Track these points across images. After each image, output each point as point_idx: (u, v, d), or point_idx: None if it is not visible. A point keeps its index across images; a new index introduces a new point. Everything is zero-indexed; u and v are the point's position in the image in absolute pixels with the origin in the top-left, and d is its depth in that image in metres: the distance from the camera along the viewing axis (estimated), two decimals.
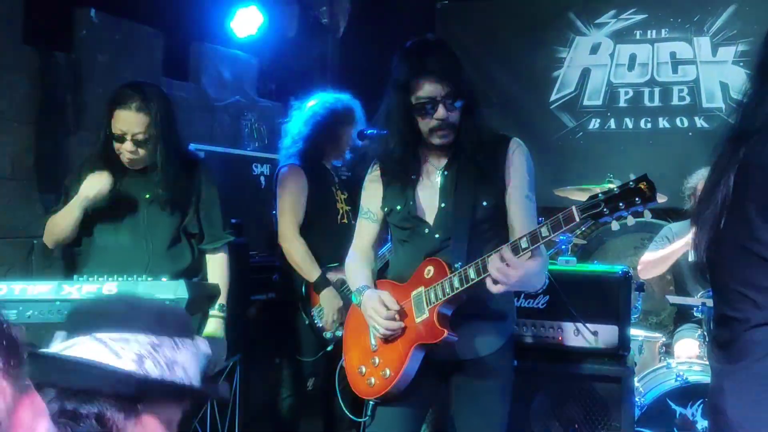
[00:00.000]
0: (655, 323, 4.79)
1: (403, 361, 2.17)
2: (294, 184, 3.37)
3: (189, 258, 2.76)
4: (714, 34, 4.94)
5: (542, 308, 3.07)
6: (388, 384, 2.19)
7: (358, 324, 2.35)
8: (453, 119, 2.18)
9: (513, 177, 2.23)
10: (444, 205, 2.24)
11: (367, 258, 2.43)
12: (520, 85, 5.31)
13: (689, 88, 5.01)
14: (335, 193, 3.49)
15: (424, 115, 2.18)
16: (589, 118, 5.20)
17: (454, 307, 2.15)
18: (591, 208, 1.85)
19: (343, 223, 3.46)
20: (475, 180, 2.23)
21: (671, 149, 4.92)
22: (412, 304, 2.19)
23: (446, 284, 2.10)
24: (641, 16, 5.09)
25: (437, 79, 2.13)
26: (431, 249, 2.22)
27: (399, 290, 2.25)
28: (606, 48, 5.17)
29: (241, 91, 4.66)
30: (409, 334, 2.19)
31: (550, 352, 3.07)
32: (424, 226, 2.26)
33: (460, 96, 2.17)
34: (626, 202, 1.80)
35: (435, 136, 2.21)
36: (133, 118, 2.54)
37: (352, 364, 2.34)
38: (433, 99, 2.15)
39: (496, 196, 2.23)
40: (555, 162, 5.02)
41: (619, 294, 3.03)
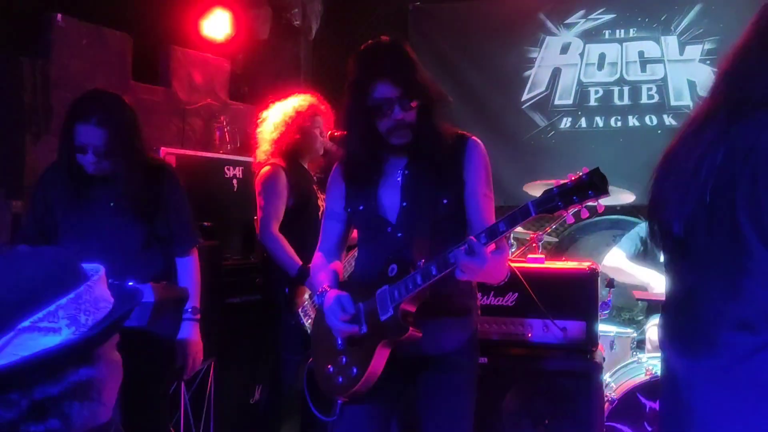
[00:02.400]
0: (627, 319, 4.85)
1: (369, 359, 2.19)
2: (274, 182, 3.40)
3: (161, 263, 2.76)
4: (681, 33, 5.02)
5: (511, 306, 3.11)
6: (355, 382, 2.21)
7: (323, 325, 2.35)
8: (410, 119, 2.20)
9: (471, 175, 2.27)
10: (406, 204, 2.27)
11: (332, 259, 2.45)
12: (492, 85, 5.35)
13: (657, 87, 5.08)
14: (316, 191, 3.54)
15: (381, 116, 2.20)
16: (561, 117, 5.25)
17: (417, 303, 2.17)
18: (546, 202, 1.88)
19: None
20: (434, 178, 2.25)
21: (641, 147, 4.98)
22: (377, 303, 2.21)
23: (409, 281, 2.12)
24: (610, 16, 5.15)
25: (391, 80, 2.15)
26: (394, 247, 2.24)
27: (363, 291, 2.26)
28: (576, 48, 5.23)
29: (213, 94, 4.66)
30: (374, 333, 2.21)
31: (519, 350, 3.11)
32: (387, 225, 2.29)
33: (416, 96, 2.19)
34: (579, 195, 1.83)
35: (393, 137, 2.23)
36: (94, 132, 2.51)
37: (320, 364, 2.36)
38: (388, 100, 2.17)
39: (456, 193, 2.26)
40: (527, 161, 5.08)
41: (587, 290, 3.07)
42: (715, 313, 1.51)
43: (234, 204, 4.09)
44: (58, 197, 2.66)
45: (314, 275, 2.45)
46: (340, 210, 2.40)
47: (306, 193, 3.47)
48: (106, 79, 3.73)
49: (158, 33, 4.34)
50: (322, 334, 2.38)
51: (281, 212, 3.39)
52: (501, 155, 4.65)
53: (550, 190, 1.88)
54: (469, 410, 2.34)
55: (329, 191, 2.44)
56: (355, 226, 2.43)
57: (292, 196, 3.41)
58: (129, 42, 4.03)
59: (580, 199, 1.83)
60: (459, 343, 2.31)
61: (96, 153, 2.54)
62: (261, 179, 3.43)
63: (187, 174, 3.79)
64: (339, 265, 2.45)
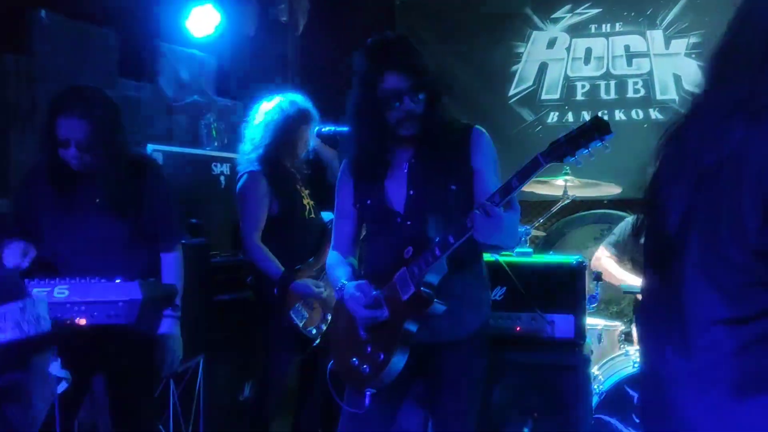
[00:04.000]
0: (615, 312, 4.87)
1: (395, 342, 2.21)
2: (253, 191, 3.38)
3: (147, 259, 2.75)
4: (666, 27, 5.04)
5: (499, 300, 3.11)
6: (383, 367, 2.22)
7: (344, 321, 2.38)
8: (418, 110, 2.25)
9: (479, 162, 2.31)
10: (413, 193, 2.30)
11: (347, 255, 2.48)
12: (480, 80, 5.36)
13: (644, 81, 5.10)
14: (300, 190, 3.52)
15: (390, 108, 2.24)
16: (548, 112, 5.27)
17: (439, 277, 2.20)
18: (555, 150, 1.92)
19: (310, 218, 3.51)
20: (441, 166, 2.29)
21: (627, 141, 4.98)
22: (397, 286, 2.23)
23: (428, 255, 2.15)
24: (596, 11, 5.17)
25: (401, 72, 2.21)
26: (406, 235, 2.27)
27: (380, 279, 2.29)
28: (562, 42, 5.24)
29: (200, 91, 4.64)
30: (397, 314, 2.23)
31: (508, 343, 3.12)
32: (396, 215, 2.32)
33: (424, 88, 2.24)
34: (585, 138, 1.87)
35: (402, 128, 2.27)
36: (76, 125, 2.50)
37: (344, 360, 2.37)
38: (398, 91, 2.21)
39: (464, 180, 2.30)
40: (515, 155, 5.01)
41: (574, 284, 3.09)
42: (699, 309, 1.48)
43: (222, 201, 4.08)
44: (41, 195, 2.64)
45: (331, 272, 2.46)
46: (349, 207, 2.44)
47: (290, 195, 3.45)
48: (92, 75, 3.70)
49: (144, 29, 4.31)
50: (341, 329, 2.41)
51: (262, 221, 3.37)
52: None
53: (557, 139, 1.92)
54: (478, 395, 2.40)
55: (339, 190, 2.48)
56: (365, 220, 2.46)
57: (275, 201, 3.39)
58: (114, 38, 4.01)
59: (587, 142, 1.87)
60: (473, 329, 2.36)
61: (78, 147, 2.52)
62: (240, 189, 3.41)
63: (173, 171, 3.80)
64: (354, 261, 2.49)
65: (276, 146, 3.42)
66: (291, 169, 3.53)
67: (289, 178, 3.50)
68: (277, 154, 3.44)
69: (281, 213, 3.40)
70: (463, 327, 2.34)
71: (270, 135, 3.41)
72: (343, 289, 2.32)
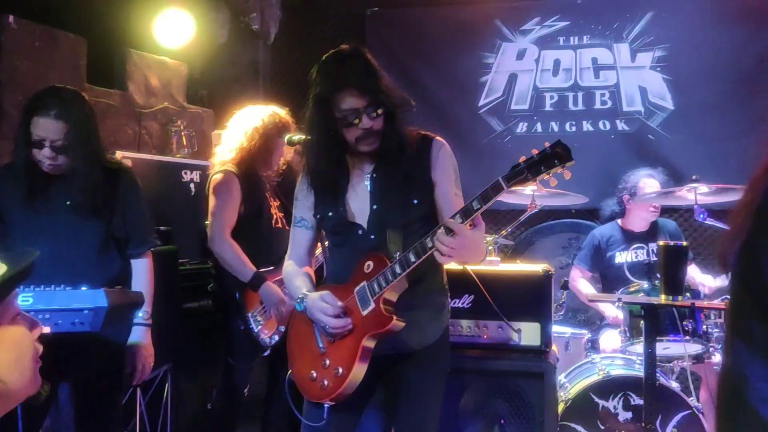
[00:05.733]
0: (582, 320, 4.95)
1: (354, 357, 2.22)
2: (227, 189, 3.39)
3: (119, 265, 2.73)
4: (632, 41, 5.14)
5: (467, 308, 3.16)
6: (343, 381, 2.23)
7: (301, 331, 2.38)
8: (377, 127, 2.24)
9: (440, 176, 2.32)
10: (376, 207, 2.31)
11: (303, 266, 2.47)
12: (450, 90, 5.40)
13: (610, 93, 5.19)
14: (269, 198, 3.53)
15: (349, 126, 2.23)
16: (517, 122, 5.33)
17: (398, 294, 2.22)
18: (516, 175, 1.98)
19: (277, 228, 3.51)
20: (403, 181, 2.30)
21: (595, 151, 5.09)
22: (357, 300, 2.24)
23: (388, 273, 2.17)
24: (564, 23, 5.25)
25: (358, 90, 2.19)
26: (368, 249, 2.28)
27: (341, 291, 2.29)
28: (531, 54, 5.32)
29: (170, 98, 4.62)
30: (357, 329, 2.24)
31: (475, 350, 3.16)
32: (358, 228, 2.32)
33: (381, 104, 2.23)
34: (546, 165, 1.94)
35: (361, 145, 2.27)
36: (52, 125, 2.50)
37: (302, 372, 2.36)
38: (355, 110, 2.21)
39: (425, 193, 2.31)
40: (485, 165, 5.14)
41: (541, 292, 3.14)
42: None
43: (191, 208, 4.06)
44: (10, 197, 2.61)
45: (290, 282, 2.46)
46: (309, 216, 2.44)
47: (258, 202, 3.46)
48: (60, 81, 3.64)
49: (114, 36, 4.29)
50: (300, 341, 2.40)
51: (234, 219, 3.38)
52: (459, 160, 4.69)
53: (518, 164, 1.98)
54: (439, 403, 2.40)
55: (297, 199, 2.47)
56: (325, 232, 2.46)
57: (244, 204, 3.40)
58: (83, 45, 3.98)
59: (547, 169, 1.94)
60: (434, 338, 2.37)
61: (53, 147, 2.51)
62: (214, 185, 3.41)
63: (143, 178, 3.74)
64: (311, 271, 2.48)
65: (252, 153, 3.43)
66: (262, 178, 3.55)
67: (259, 185, 3.52)
68: (252, 161, 3.45)
69: (248, 217, 3.41)
70: (424, 337, 2.35)
71: (248, 142, 3.42)
72: (306, 299, 2.32)
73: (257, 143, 3.43)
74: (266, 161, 3.51)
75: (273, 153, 3.50)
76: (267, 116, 3.48)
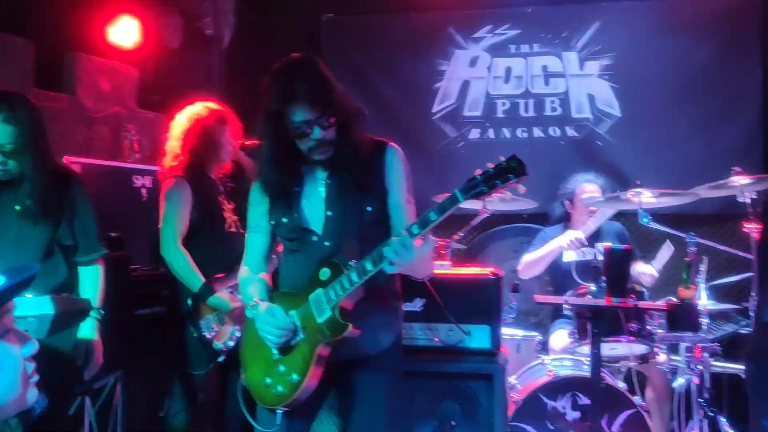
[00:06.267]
0: (533, 323, 5.03)
1: (308, 364, 2.23)
2: (177, 195, 3.37)
3: (65, 272, 2.70)
4: (581, 49, 5.27)
5: (419, 311, 3.21)
6: (297, 388, 2.24)
7: (256, 338, 2.37)
8: (329, 137, 2.26)
9: (392, 182, 2.35)
10: (331, 214, 2.32)
11: (259, 272, 2.47)
12: (404, 96, 5.46)
13: (560, 100, 5.31)
14: (222, 202, 3.51)
15: (301, 137, 2.25)
16: (470, 128, 5.41)
17: (353, 301, 2.24)
18: (472, 188, 2.02)
19: (231, 232, 3.50)
20: (357, 187, 2.32)
21: (545, 157, 5.20)
22: (312, 307, 2.25)
23: (344, 280, 2.19)
24: (515, 32, 5.35)
25: (308, 103, 2.20)
26: (322, 255, 2.30)
27: (295, 297, 2.30)
28: (483, 61, 5.41)
29: (121, 102, 4.57)
30: (312, 336, 2.25)
31: (427, 354, 3.20)
32: (312, 235, 2.33)
33: (333, 114, 2.24)
34: (502, 179, 1.99)
35: (314, 154, 2.29)
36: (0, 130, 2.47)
37: (256, 378, 2.36)
38: (307, 122, 2.22)
39: (379, 200, 2.34)
40: (439, 170, 5.21)
41: (490, 295, 3.20)
42: None
43: (143, 214, 4.02)
44: None
45: (244, 288, 2.46)
46: (264, 222, 2.43)
47: (210, 206, 3.45)
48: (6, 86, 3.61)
49: (63, 40, 4.23)
50: (254, 347, 2.39)
51: (184, 226, 3.36)
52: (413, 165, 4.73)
53: (474, 177, 2.02)
54: (393, 407, 2.42)
55: (251, 204, 2.47)
56: (279, 237, 2.45)
57: (195, 209, 3.38)
58: (31, 48, 3.91)
59: (503, 183, 1.99)
60: (388, 343, 2.40)
61: (2, 152, 2.49)
62: (164, 192, 3.39)
63: (93, 183, 3.73)
64: (267, 277, 2.47)
65: (198, 153, 3.42)
66: (215, 180, 3.54)
67: (211, 188, 3.50)
68: (200, 161, 3.43)
69: (200, 223, 3.39)
70: (378, 342, 2.38)
71: (190, 143, 3.41)
72: (256, 308, 2.32)
73: (199, 142, 3.41)
74: (213, 160, 3.49)
75: (219, 152, 3.48)
76: (200, 112, 3.47)
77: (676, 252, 4.17)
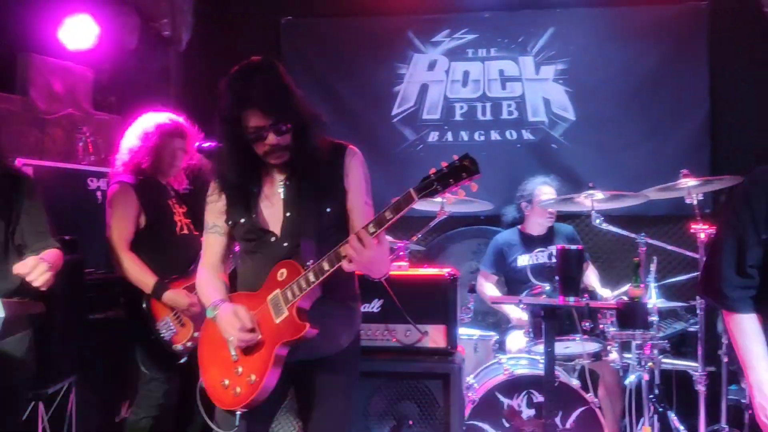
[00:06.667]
0: (491, 323, 5.10)
1: (267, 364, 2.24)
2: (122, 201, 3.37)
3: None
4: (536, 54, 5.37)
5: (376, 312, 3.24)
6: (256, 388, 2.24)
7: (214, 339, 2.37)
8: (285, 142, 2.28)
9: (351, 184, 2.37)
10: (289, 215, 2.34)
11: (217, 272, 2.47)
12: (364, 99, 5.50)
13: (516, 104, 5.40)
14: (172, 206, 3.51)
15: (256, 142, 2.27)
16: (428, 132, 5.47)
17: (311, 301, 2.26)
18: (426, 187, 2.06)
19: (183, 234, 3.51)
20: (316, 189, 2.34)
21: (502, 160, 5.29)
22: (270, 307, 2.26)
23: (302, 281, 2.20)
24: (472, 36, 5.43)
25: (262, 111, 2.21)
26: (281, 256, 2.31)
27: (253, 298, 2.31)
28: (442, 65, 5.47)
29: (75, 104, 4.51)
30: (269, 337, 2.26)
31: (385, 354, 3.24)
32: (271, 235, 2.35)
33: (288, 121, 2.26)
34: (455, 177, 2.03)
35: (270, 158, 2.31)
36: None
37: (214, 380, 2.36)
38: (261, 128, 2.24)
39: (338, 202, 2.36)
40: (398, 173, 5.25)
41: (446, 296, 3.25)
42: None
43: (98, 216, 3.95)
44: None
45: (201, 290, 2.45)
46: (221, 223, 2.43)
47: (160, 210, 3.46)
48: None
49: (15, 40, 4.15)
50: (212, 348, 2.39)
51: (130, 232, 3.37)
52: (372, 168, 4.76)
53: (428, 176, 2.06)
54: (352, 408, 2.46)
55: (209, 205, 2.46)
56: (237, 238, 2.46)
57: (144, 214, 3.40)
58: None
59: (456, 181, 2.03)
60: (346, 343, 2.42)
61: None
62: (109, 198, 3.41)
63: (47, 186, 3.67)
64: (224, 278, 2.48)
65: (148, 160, 3.43)
66: (164, 185, 3.54)
67: (160, 192, 3.50)
68: (149, 168, 3.45)
69: (148, 227, 3.40)
70: (336, 343, 2.40)
71: (142, 148, 3.43)
72: (218, 307, 2.33)
73: (147, 151, 3.44)
74: (164, 167, 3.51)
75: (169, 158, 3.51)
76: (155, 123, 3.49)
77: (628, 252, 4.29)
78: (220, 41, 5.41)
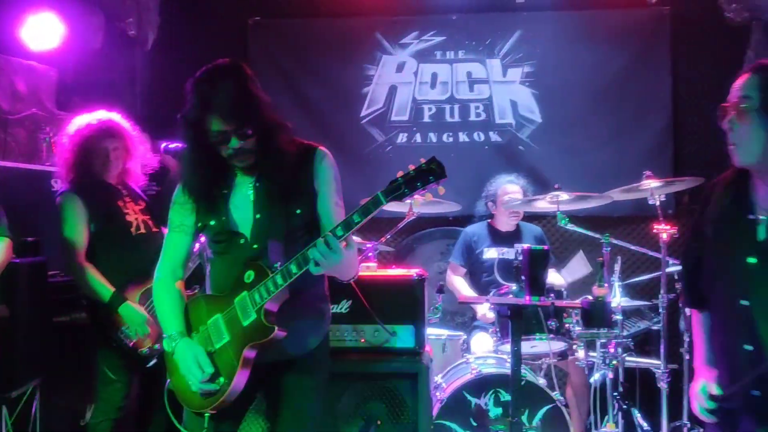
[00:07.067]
0: (459, 323, 5.15)
1: (235, 366, 2.24)
2: (68, 211, 3.31)
3: None
4: (503, 57, 5.43)
5: (345, 312, 3.25)
6: (225, 391, 2.24)
7: None
8: (248, 146, 2.27)
9: (321, 186, 2.37)
10: (259, 216, 2.33)
11: (176, 279, 2.44)
12: (333, 100, 5.50)
13: (484, 105, 5.46)
14: (123, 206, 3.44)
15: (219, 145, 2.27)
16: (397, 133, 5.50)
17: (279, 304, 2.25)
18: (394, 190, 2.09)
19: (140, 233, 3.43)
20: (285, 190, 2.33)
21: (470, 161, 5.34)
22: (237, 310, 2.26)
23: (269, 283, 2.20)
24: (440, 38, 5.47)
25: (223, 117, 2.21)
26: (250, 257, 2.30)
27: (220, 300, 2.31)
28: (410, 67, 5.50)
29: (39, 104, 4.44)
30: (238, 339, 2.25)
31: (353, 354, 3.25)
32: (240, 237, 2.34)
33: (251, 127, 2.25)
34: (422, 181, 2.07)
35: (235, 161, 2.31)
36: None
37: (182, 382, 2.33)
38: (224, 132, 2.23)
39: (308, 203, 2.36)
40: (367, 174, 5.27)
41: (414, 296, 3.27)
42: None
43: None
44: None
45: (159, 308, 2.43)
46: (189, 222, 2.41)
47: (109, 213, 3.39)
48: None
49: None
50: None
51: (82, 240, 3.31)
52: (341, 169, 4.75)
53: (396, 179, 2.09)
54: (319, 409, 2.45)
55: (176, 205, 2.44)
56: (207, 240, 2.44)
57: (93, 221, 3.33)
58: None
59: (423, 185, 2.07)
60: (315, 345, 2.42)
61: None
62: (59, 210, 3.33)
63: (9, 187, 3.62)
64: (182, 286, 2.45)
65: (84, 163, 3.37)
66: (113, 185, 3.47)
67: (107, 193, 3.43)
68: (88, 171, 3.38)
69: (100, 232, 3.34)
70: (305, 345, 2.40)
71: (77, 152, 3.36)
72: (178, 343, 2.30)
73: (74, 154, 3.37)
74: (103, 167, 3.43)
75: (106, 158, 3.42)
76: (81, 124, 3.43)
77: (592, 252, 4.36)
78: (186, 41, 5.36)
